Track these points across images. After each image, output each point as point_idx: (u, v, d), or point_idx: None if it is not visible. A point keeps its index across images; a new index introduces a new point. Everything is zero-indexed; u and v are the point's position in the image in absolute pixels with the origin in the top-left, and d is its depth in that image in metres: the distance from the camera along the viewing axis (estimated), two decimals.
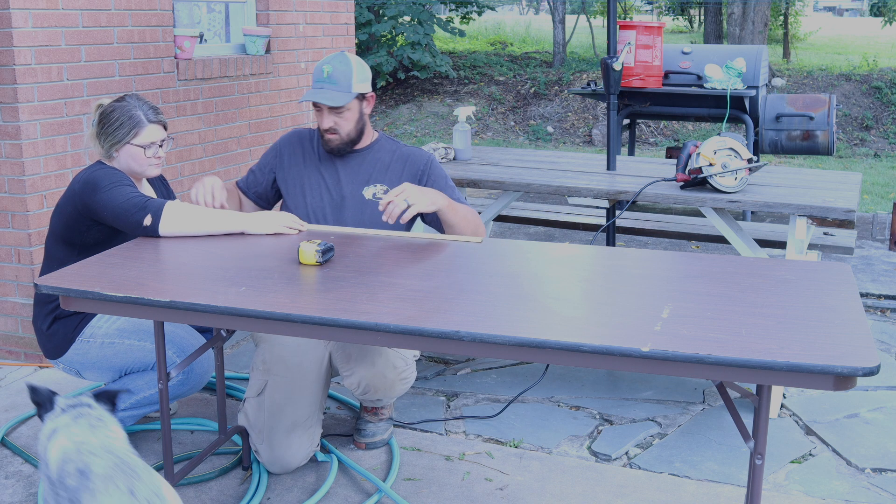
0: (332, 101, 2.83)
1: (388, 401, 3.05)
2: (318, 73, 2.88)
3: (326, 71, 2.85)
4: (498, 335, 1.91)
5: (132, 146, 2.80)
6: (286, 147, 3.06)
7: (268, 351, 2.81)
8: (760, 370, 1.80)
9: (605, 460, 3.03)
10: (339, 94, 2.84)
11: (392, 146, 3.02)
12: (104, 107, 2.85)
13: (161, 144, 2.86)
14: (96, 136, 2.85)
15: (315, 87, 2.87)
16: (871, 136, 10.73)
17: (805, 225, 3.24)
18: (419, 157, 2.99)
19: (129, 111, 2.80)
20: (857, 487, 2.86)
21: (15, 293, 3.71)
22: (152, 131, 2.83)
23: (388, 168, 2.97)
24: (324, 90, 2.85)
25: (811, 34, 21.23)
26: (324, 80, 2.85)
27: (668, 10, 26.64)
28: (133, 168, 2.84)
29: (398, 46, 12.49)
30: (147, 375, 2.87)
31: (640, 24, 6.00)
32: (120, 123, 2.79)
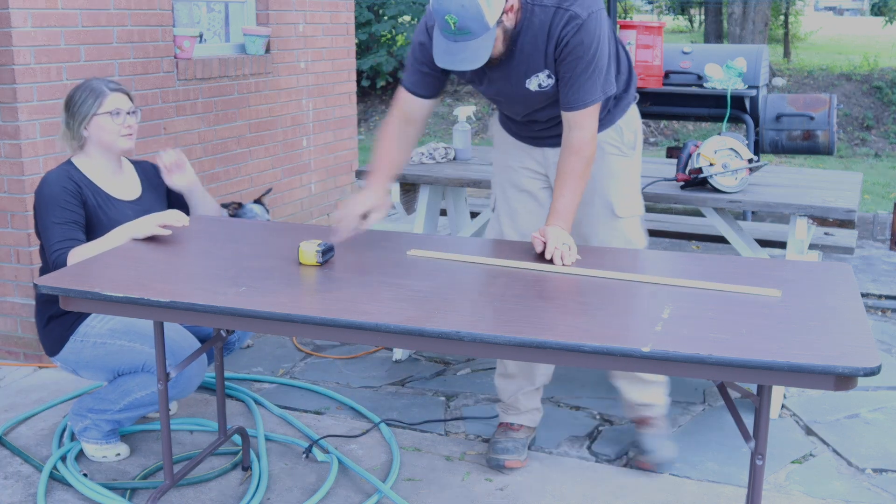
0: (474, 61, 2.36)
1: (657, 408, 2.97)
2: (442, 24, 2.34)
3: (453, 23, 2.30)
4: (498, 335, 1.91)
5: (99, 116, 2.84)
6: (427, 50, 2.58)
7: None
8: (761, 370, 1.79)
9: (605, 460, 3.03)
10: (479, 43, 2.33)
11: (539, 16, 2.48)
12: (67, 95, 2.91)
13: (129, 113, 2.89)
14: (66, 127, 2.90)
15: (446, 39, 2.36)
16: (871, 135, 10.72)
17: (805, 225, 3.23)
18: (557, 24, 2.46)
19: (90, 86, 2.87)
20: (857, 488, 2.85)
21: (14, 293, 3.70)
22: (116, 99, 2.87)
23: (537, 47, 2.50)
24: (458, 48, 2.34)
25: (812, 34, 21.23)
26: (453, 34, 2.33)
27: (668, 9, 26.64)
28: (105, 140, 2.87)
29: (398, 46, 12.48)
30: (140, 376, 2.86)
31: (640, 24, 6.00)
32: (83, 99, 2.85)
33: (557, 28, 2.47)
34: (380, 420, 3.25)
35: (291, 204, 5.32)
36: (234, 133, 4.72)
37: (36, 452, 2.99)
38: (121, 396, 2.87)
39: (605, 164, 2.81)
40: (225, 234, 2.74)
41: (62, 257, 2.67)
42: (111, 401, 2.88)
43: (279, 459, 2.98)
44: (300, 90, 5.29)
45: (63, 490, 2.77)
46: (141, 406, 2.89)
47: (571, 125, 2.58)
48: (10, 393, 3.47)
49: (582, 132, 2.58)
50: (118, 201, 2.90)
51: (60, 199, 2.77)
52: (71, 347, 2.86)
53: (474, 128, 11.43)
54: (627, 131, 2.86)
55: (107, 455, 2.94)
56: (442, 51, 2.40)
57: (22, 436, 3.11)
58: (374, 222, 2.58)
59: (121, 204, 2.90)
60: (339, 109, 5.77)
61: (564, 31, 2.46)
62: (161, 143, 4.13)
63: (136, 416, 2.93)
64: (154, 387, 2.84)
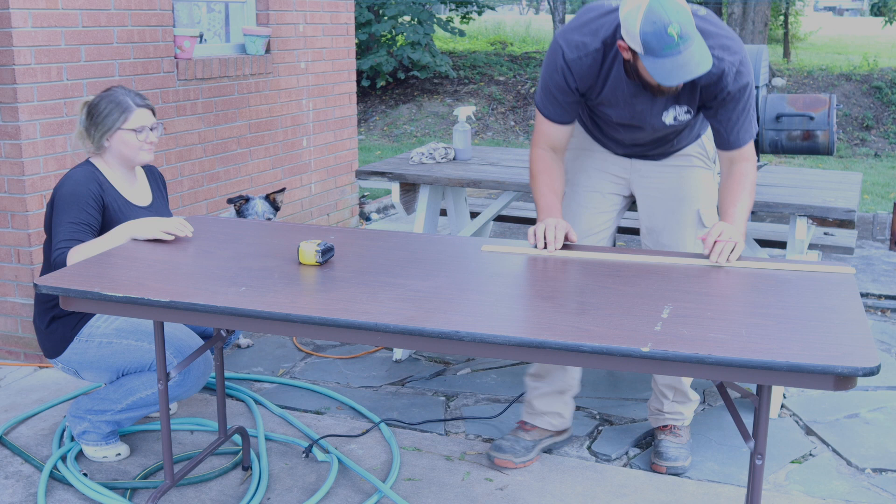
0: (703, 66, 2.33)
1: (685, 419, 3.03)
2: (663, 38, 2.28)
3: (675, 32, 2.27)
4: (498, 335, 1.91)
5: (123, 131, 2.83)
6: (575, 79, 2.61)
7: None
8: (761, 370, 1.79)
9: (605, 460, 3.03)
10: (699, 49, 2.32)
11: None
12: (91, 101, 2.89)
13: (152, 129, 2.89)
14: (85, 132, 2.89)
15: (667, 57, 2.31)
16: (871, 136, 10.72)
17: (805, 225, 3.24)
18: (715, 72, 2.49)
19: (117, 98, 2.85)
20: (857, 487, 2.86)
21: (15, 293, 3.70)
22: (141, 115, 2.86)
23: (684, 88, 2.55)
24: (683, 59, 2.30)
25: (811, 34, 21.23)
26: (675, 45, 2.28)
27: None
28: (125, 154, 2.87)
29: (398, 46, 12.49)
30: (145, 376, 2.87)
31: None
32: (109, 111, 2.83)
33: (712, 78, 2.50)
34: (380, 420, 3.25)
35: (291, 204, 5.32)
36: (234, 133, 4.73)
37: (36, 452, 2.99)
38: (123, 396, 2.87)
39: (694, 177, 2.88)
40: (225, 234, 2.74)
41: (62, 256, 2.67)
42: (112, 400, 2.88)
43: (279, 459, 2.98)
44: (300, 90, 5.29)
45: (63, 490, 2.77)
46: (144, 406, 2.89)
47: (735, 159, 2.65)
48: (11, 393, 3.47)
49: (748, 163, 2.65)
50: (135, 207, 2.91)
51: (82, 200, 2.76)
52: (75, 348, 2.86)
53: (474, 128, 11.43)
54: (709, 145, 2.92)
55: (107, 455, 2.94)
56: (670, 69, 2.33)
57: (22, 435, 3.12)
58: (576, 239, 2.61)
59: (138, 210, 2.91)
60: (339, 109, 5.77)
61: (722, 83, 2.51)
62: (161, 143, 4.13)
63: (137, 416, 2.93)
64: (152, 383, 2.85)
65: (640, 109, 2.66)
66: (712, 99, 2.58)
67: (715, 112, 2.61)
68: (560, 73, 2.61)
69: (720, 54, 2.48)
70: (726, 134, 2.62)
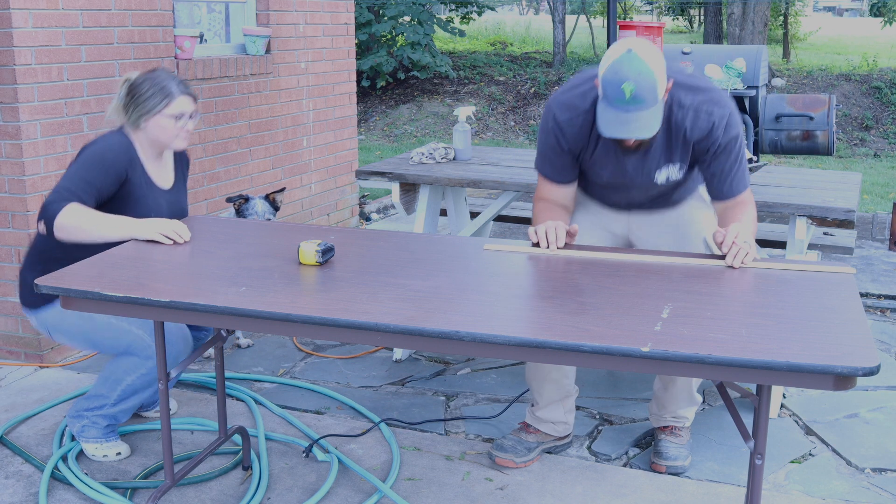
0: (647, 130, 2.40)
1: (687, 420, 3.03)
2: (615, 93, 2.36)
3: (629, 91, 2.33)
4: (498, 335, 1.91)
5: (162, 117, 2.79)
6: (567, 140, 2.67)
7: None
8: (760, 370, 1.80)
9: (605, 460, 3.03)
10: (649, 115, 2.38)
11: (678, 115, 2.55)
12: (134, 79, 2.84)
13: (191, 117, 2.86)
14: (123, 108, 2.84)
15: (615, 109, 2.38)
16: (870, 136, 10.73)
17: (805, 225, 3.24)
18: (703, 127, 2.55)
19: (161, 82, 2.81)
20: (857, 487, 2.86)
21: (15, 293, 3.70)
22: (183, 102, 2.82)
23: (675, 146, 2.61)
24: (630, 116, 2.37)
25: (811, 34, 21.24)
26: (627, 103, 2.36)
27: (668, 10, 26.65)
28: (160, 139, 2.83)
29: (398, 46, 12.49)
30: (126, 361, 2.85)
31: (640, 25, 5.98)
32: (152, 94, 2.79)
33: (701, 132, 2.56)
34: (380, 420, 3.25)
35: (291, 204, 5.32)
36: (234, 133, 4.73)
37: (37, 452, 2.99)
38: (113, 387, 2.87)
39: (694, 213, 2.90)
40: (225, 234, 2.75)
41: (60, 205, 2.63)
42: (104, 395, 2.89)
43: (279, 459, 2.99)
44: (300, 90, 5.29)
45: (64, 489, 2.77)
46: (134, 393, 2.88)
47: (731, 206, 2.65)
48: (11, 393, 3.47)
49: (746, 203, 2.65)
50: (157, 188, 2.88)
51: (106, 166, 2.72)
52: (53, 310, 2.82)
53: (474, 128, 11.43)
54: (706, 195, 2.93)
55: (107, 454, 2.94)
56: (611, 121, 2.40)
57: (23, 435, 3.12)
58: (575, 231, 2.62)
59: (158, 191, 2.88)
60: (339, 109, 5.77)
61: (713, 136, 2.56)
62: None
63: (131, 406, 2.92)
64: (143, 368, 2.84)
65: (630, 169, 2.69)
66: (704, 153, 2.62)
67: (708, 165, 2.64)
68: (553, 135, 2.67)
69: (710, 108, 2.55)
70: (720, 185, 2.64)
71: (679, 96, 2.55)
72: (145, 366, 2.83)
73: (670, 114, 2.56)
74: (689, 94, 2.56)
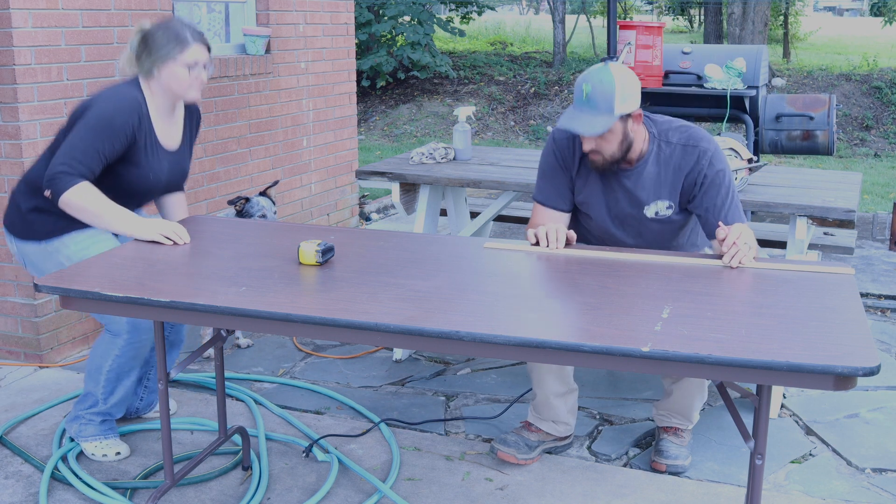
0: (589, 129, 2.58)
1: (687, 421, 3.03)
2: (577, 91, 2.62)
3: (586, 91, 2.58)
4: (498, 335, 1.91)
5: (176, 64, 2.74)
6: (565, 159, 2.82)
7: None
8: (761, 370, 1.80)
9: (606, 460, 3.03)
10: (598, 118, 2.57)
11: (665, 151, 2.72)
12: (148, 27, 2.80)
13: (205, 66, 2.81)
14: (136, 58, 2.79)
15: (574, 107, 2.63)
16: (871, 136, 10.72)
17: (805, 225, 3.24)
18: (689, 160, 2.70)
19: (175, 30, 2.76)
20: (857, 487, 2.86)
21: (15, 293, 3.71)
22: (197, 50, 2.77)
23: (664, 181, 2.74)
24: (582, 114, 2.59)
25: (811, 34, 21.24)
26: (583, 103, 2.59)
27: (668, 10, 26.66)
28: (173, 89, 2.78)
29: (398, 46, 12.49)
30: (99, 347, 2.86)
31: (640, 24, 6.00)
32: (166, 40, 2.74)
33: (689, 163, 2.70)
34: (380, 420, 3.25)
35: (291, 204, 5.32)
36: (234, 133, 4.73)
37: (36, 452, 2.99)
38: (96, 379, 2.88)
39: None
40: (225, 234, 2.75)
41: (70, 180, 2.61)
42: (92, 393, 2.91)
43: (279, 459, 2.99)
44: (300, 90, 5.29)
45: (64, 490, 2.77)
46: (117, 380, 2.89)
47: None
48: (11, 393, 3.47)
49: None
50: (161, 149, 2.84)
51: (116, 131, 2.67)
52: (37, 247, 2.80)
53: (474, 128, 11.43)
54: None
55: (107, 453, 2.94)
56: (567, 116, 2.64)
57: (22, 435, 3.12)
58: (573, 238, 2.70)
59: (162, 152, 2.84)
60: (339, 109, 5.77)
61: (699, 166, 2.68)
62: None
63: (120, 399, 2.93)
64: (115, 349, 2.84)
65: (621, 197, 2.77)
66: (693, 186, 2.70)
67: (700, 201, 2.70)
68: (550, 152, 2.85)
69: (696, 143, 2.70)
70: (714, 220, 2.66)
71: (667, 135, 2.73)
72: (116, 345, 2.84)
73: (659, 150, 2.73)
74: (676, 133, 2.73)
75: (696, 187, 2.69)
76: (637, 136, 2.68)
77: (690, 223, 2.86)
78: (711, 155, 2.68)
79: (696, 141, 2.70)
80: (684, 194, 2.73)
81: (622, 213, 2.80)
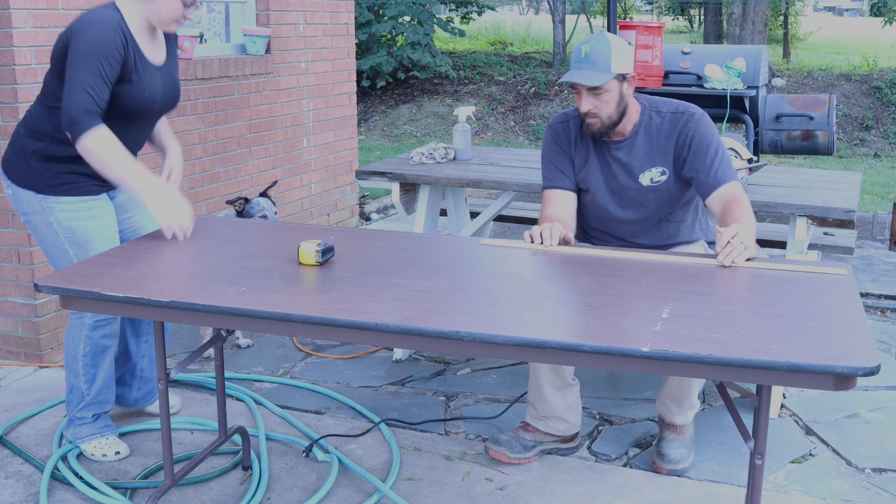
0: (589, 80, 2.73)
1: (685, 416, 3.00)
2: (576, 53, 2.80)
3: (584, 51, 2.76)
4: (498, 335, 1.91)
5: None
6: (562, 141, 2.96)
7: None
8: (760, 370, 1.80)
9: (605, 460, 3.03)
10: (597, 73, 2.74)
11: (656, 120, 2.86)
12: None
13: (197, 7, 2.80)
14: None
15: (573, 67, 2.79)
16: (871, 136, 10.73)
17: (805, 225, 3.24)
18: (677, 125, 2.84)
19: None
20: (857, 487, 2.86)
21: (15, 293, 3.71)
22: None
23: (656, 148, 2.86)
24: (581, 70, 2.76)
25: (811, 34, 21.25)
26: (581, 61, 2.77)
27: (668, 10, 26.66)
28: (161, 17, 2.73)
29: (398, 46, 12.50)
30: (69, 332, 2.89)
31: (640, 24, 6.00)
32: None
33: (677, 127, 2.84)
34: (380, 420, 3.25)
35: (291, 204, 5.32)
36: (234, 133, 4.73)
37: (36, 452, 2.99)
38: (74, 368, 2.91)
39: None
40: (225, 234, 2.75)
41: (90, 121, 2.56)
42: (76, 386, 2.93)
43: (279, 459, 2.99)
44: (300, 90, 5.29)
45: (64, 489, 2.77)
46: (93, 361, 2.90)
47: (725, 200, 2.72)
48: (11, 393, 3.47)
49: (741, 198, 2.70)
50: (150, 64, 2.78)
51: (109, 52, 2.60)
52: (32, 198, 2.77)
53: (474, 128, 11.43)
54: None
55: (106, 453, 2.94)
56: (567, 74, 2.79)
57: (22, 435, 3.12)
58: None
59: (152, 68, 2.79)
60: (339, 109, 5.77)
61: (686, 128, 2.83)
62: None
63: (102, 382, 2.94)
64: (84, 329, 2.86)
65: (617, 172, 2.89)
66: (682, 147, 2.82)
67: (691, 163, 2.81)
68: (549, 138, 3.00)
69: (683, 109, 2.86)
70: (706, 177, 2.77)
71: (657, 105, 2.89)
72: (84, 324, 2.86)
73: (650, 120, 2.87)
74: (664, 105, 2.89)
75: (685, 149, 2.81)
76: (631, 102, 2.83)
77: (687, 196, 2.93)
78: (698, 118, 2.83)
79: (683, 108, 2.86)
80: (676, 159, 2.84)
81: (619, 185, 2.90)
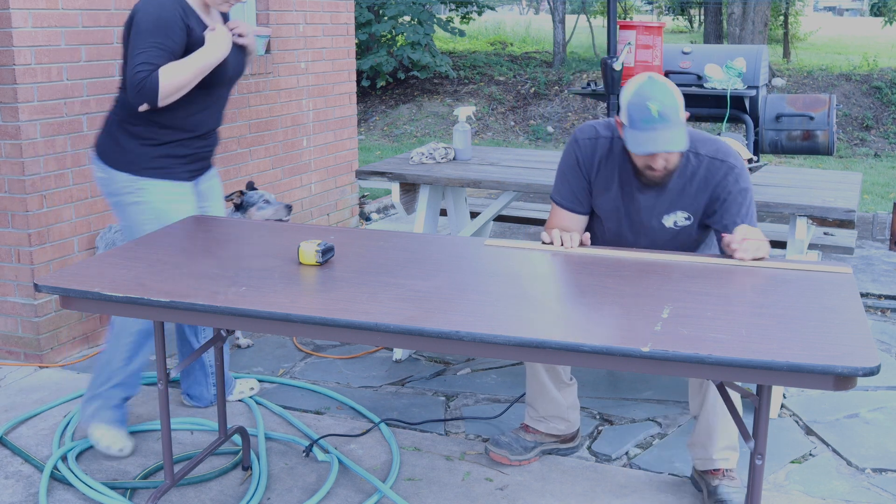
0: (678, 145, 2.50)
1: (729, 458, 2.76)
2: (644, 112, 2.48)
3: (655, 110, 2.47)
4: (498, 335, 1.91)
5: None
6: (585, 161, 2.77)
7: None
8: (761, 370, 1.80)
9: (605, 460, 3.03)
10: (677, 131, 2.49)
11: (693, 163, 2.66)
12: None
13: None
14: None
15: (646, 128, 2.49)
16: (871, 136, 10.72)
17: (805, 225, 3.24)
18: (715, 175, 2.64)
19: None
20: (857, 487, 2.86)
21: (15, 293, 3.71)
22: None
23: (686, 192, 2.68)
24: (659, 132, 2.48)
25: (811, 34, 21.24)
26: (656, 121, 2.48)
27: (668, 9, 26.66)
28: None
29: (398, 46, 12.49)
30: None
31: (640, 24, 5.99)
32: None
33: (715, 179, 2.64)
34: (380, 420, 3.25)
35: (291, 204, 5.31)
36: (234, 133, 4.73)
37: (36, 452, 2.99)
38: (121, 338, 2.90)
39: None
40: (225, 234, 2.75)
41: (152, 79, 2.63)
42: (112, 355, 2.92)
43: (279, 459, 2.99)
44: (300, 90, 5.29)
45: (64, 490, 2.77)
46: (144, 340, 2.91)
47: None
48: (11, 393, 3.47)
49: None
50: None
51: (168, 25, 2.70)
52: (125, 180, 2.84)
53: (474, 128, 11.43)
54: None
55: (111, 445, 2.93)
56: (641, 140, 2.51)
57: (22, 436, 3.12)
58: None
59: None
60: (339, 109, 5.77)
61: (724, 182, 2.64)
62: None
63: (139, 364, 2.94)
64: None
65: (643, 208, 2.72)
66: (715, 201, 2.65)
67: (720, 217, 2.66)
68: (572, 153, 2.79)
69: (723, 157, 2.65)
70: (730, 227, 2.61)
71: (696, 145, 2.66)
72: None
73: (686, 162, 2.65)
74: (704, 145, 2.67)
75: (718, 202, 2.65)
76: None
77: (704, 239, 2.82)
78: (738, 173, 2.64)
79: (724, 156, 2.66)
80: (706, 210, 2.69)
81: (640, 222, 2.75)
